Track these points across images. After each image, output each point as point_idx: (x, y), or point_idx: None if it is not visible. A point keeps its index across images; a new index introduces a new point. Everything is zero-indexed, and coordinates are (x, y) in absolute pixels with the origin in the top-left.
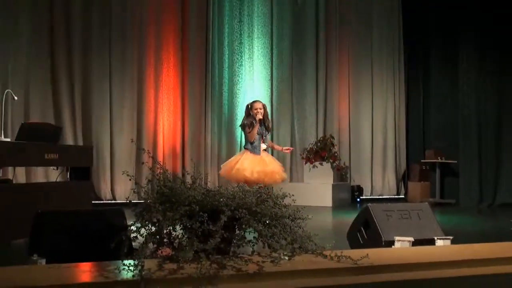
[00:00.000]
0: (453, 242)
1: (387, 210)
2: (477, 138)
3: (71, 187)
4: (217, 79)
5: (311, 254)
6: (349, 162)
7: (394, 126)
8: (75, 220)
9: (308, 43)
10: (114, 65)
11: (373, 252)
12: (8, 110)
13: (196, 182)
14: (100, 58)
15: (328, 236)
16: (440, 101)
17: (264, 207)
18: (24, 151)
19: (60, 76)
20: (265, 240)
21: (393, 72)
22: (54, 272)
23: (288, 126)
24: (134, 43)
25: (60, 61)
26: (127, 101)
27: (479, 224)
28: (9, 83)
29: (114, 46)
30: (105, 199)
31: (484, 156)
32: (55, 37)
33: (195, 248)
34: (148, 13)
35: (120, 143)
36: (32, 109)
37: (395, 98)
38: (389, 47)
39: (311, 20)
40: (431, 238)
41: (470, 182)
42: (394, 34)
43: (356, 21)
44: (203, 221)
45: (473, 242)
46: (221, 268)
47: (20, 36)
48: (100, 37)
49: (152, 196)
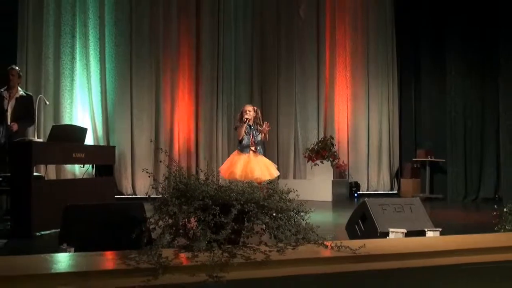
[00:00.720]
0: (442, 233)
1: (382, 204)
2: (463, 139)
3: (96, 183)
4: (227, 85)
5: (313, 244)
6: (347, 160)
7: (388, 128)
8: (100, 213)
9: (310, 53)
10: (135, 73)
11: (370, 243)
12: (40, 114)
13: (208, 178)
14: (123, 67)
15: (329, 228)
16: (430, 106)
17: (271, 201)
18: (54, 151)
19: (86, 83)
20: (271, 231)
21: (387, 80)
22: (81, 260)
23: (292, 128)
24: (153, 53)
25: (86, 69)
26: (146, 105)
27: (464, 217)
28: (42, 88)
29: (134, 56)
30: (126, 194)
31: (469, 155)
32: (80, 47)
33: (208, 238)
34: (166, 27)
35: (140, 143)
36: (62, 113)
37: (389, 103)
38: (383, 58)
39: (312, 32)
40: (422, 229)
41: (456, 179)
42: (388, 46)
43: (353, 34)
44: (215, 214)
45: (459, 233)
46: (231, 257)
47: (49, 44)
48: (123, 46)
49: (169, 191)
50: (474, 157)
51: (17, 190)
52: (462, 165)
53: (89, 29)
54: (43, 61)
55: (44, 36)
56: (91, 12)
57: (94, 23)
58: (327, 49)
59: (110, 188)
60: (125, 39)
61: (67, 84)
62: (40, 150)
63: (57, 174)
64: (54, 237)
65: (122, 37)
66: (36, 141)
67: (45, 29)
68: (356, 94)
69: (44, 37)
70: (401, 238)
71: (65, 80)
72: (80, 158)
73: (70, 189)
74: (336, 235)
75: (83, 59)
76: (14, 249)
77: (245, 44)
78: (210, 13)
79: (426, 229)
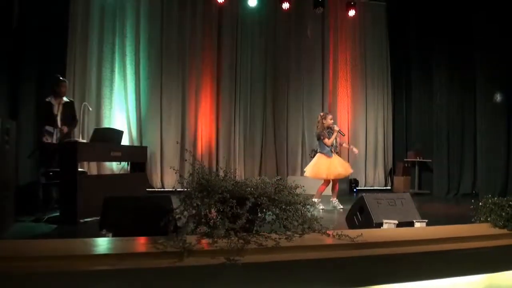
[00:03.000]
0: (428, 224)
1: (377, 198)
2: (447, 142)
3: (130, 178)
4: (244, 94)
5: (317, 233)
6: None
7: (383, 132)
8: (133, 204)
9: (316, 67)
10: (164, 84)
11: (366, 232)
12: (85, 118)
13: (227, 175)
14: (154, 78)
15: (331, 219)
16: (419, 113)
17: (281, 195)
18: (96, 150)
19: (123, 92)
20: (281, 221)
21: (382, 91)
22: (118, 244)
23: (300, 131)
24: (180, 67)
25: (123, 80)
26: (173, 111)
27: (447, 210)
28: (86, 96)
29: (164, 70)
30: (156, 188)
31: (451, 156)
32: (118, 61)
33: (226, 227)
34: (191, 44)
35: (168, 143)
36: (102, 117)
37: (384, 110)
38: (379, 71)
39: (318, 48)
40: (411, 221)
41: (440, 177)
42: (383, 61)
43: (353, 51)
44: (232, 206)
45: (442, 224)
46: (246, 243)
47: (92, 58)
48: (154, 61)
49: (192, 186)
50: (455, 158)
51: (65, 183)
52: (446, 164)
53: (126, 46)
54: (88, 73)
55: (88, 52)
56: (128, 31)
57: (130, 40)
58: (331, 64)
59: (142, 182)
60: (156, 55)
61: (107, 93)
62: (84, 149)
63: (98, 170)
64: (95, 224)
65: (154, 53)
66: (81, 141)
67: (90, 46)
68: (355, 102)
69: (89, 53)
70: (393, 228)
71: (105, 89)
72: (117, 156)
73: (109, 183)
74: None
75: (121, 71)
76: (62, 233)
77: (260, 58)
78: (230, 32)
79: (414, 220)
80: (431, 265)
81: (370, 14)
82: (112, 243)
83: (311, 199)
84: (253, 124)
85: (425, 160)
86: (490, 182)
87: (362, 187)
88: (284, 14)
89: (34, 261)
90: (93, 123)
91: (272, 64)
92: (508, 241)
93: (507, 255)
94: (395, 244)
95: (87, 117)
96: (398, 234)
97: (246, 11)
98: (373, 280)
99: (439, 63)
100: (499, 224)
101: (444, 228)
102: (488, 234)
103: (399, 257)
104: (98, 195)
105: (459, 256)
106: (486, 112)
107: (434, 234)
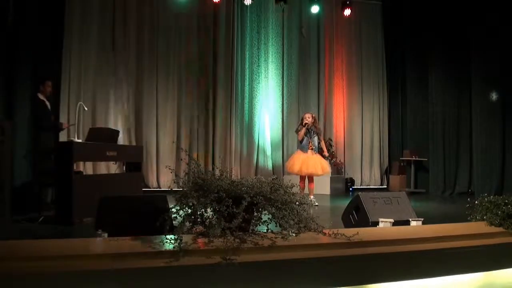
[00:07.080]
0: (424, 222)
1: (373, 197)
2: (442, 142)
3: (126, 177)
4: (240, 94)
5: (313, 232)
6: (344, 159)
7: (379, 131)
8: (129, 203)
9: (312, 66)
10: (160, 83)
11: (362, 231)
12: (80, 118)
13: (223, 174)
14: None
15: (327, 217)
16: (414, 113)
17: (277, 194)
18: (91, 150)
19: (120, 93)
20: (277, 221)
21: (378, 90)
22: (114, 243)
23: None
24: (175, 72)
25: (120, 82)
26: (169, 111)
27: (443, 208)
28: (81, 96)
29: (160, 73)
30: (152, 187)
31: (447, 156)
32: (116, 64)
33: (222, 226)
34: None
35: (164, 143)
36: (98, 117)
37: (379, 110)
38: (374, 71)
39: (314, 48)
40: (407, 219)
41: (436, 176)
42: (378, 61)
43: (349, 50)
44: (228, 205)
45: (438, 222)
46: (242, 242)
47: (89, 61)
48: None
49: (188, 186)
50: (451, 157)
51: (60, 183)
52: (442, 164)
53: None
54: (83, 73)
55: (84, 51)
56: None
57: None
58: (326, 63)
59: (138, 182)
60: (151, 54)
61: (103, 92)
62: (79, 149)
63: (93, 170)
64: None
65: (149, 52)
66: (76, 141)
67: (85, 45)
68: (351, 102)
69: (84, 53)
70: (389, 227)
71: (101, 88)
72: (113, 156)
73: (105, 183)
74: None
75: (120, 74)
76: (57, 233)
77: (256, 57)
78: (225, 31)
79: (410, 219)
80: (427, 264)
81: (366, 13)
82: (107, 243)
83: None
84: (249, 123)
85: (421, 159)
86: (486, 181)
87: (358, 186)
88: (279, 14)
89: (29, 262)
90: (89, 122)
91: (268, 63)
92: (504, 240)
93: (503, 254)
94: (391, 242)
95: (82, 117)
96: (394, 233)
97: (242, 10)
98: (369, 279)
99: (434, 63)
100: (495, 223)
101: (440, 226)
102: (484, 233)
103: (395, 255)
104: (93, 195)
105: (455, 254)
106: (482, 111)
107: (430, 233)
